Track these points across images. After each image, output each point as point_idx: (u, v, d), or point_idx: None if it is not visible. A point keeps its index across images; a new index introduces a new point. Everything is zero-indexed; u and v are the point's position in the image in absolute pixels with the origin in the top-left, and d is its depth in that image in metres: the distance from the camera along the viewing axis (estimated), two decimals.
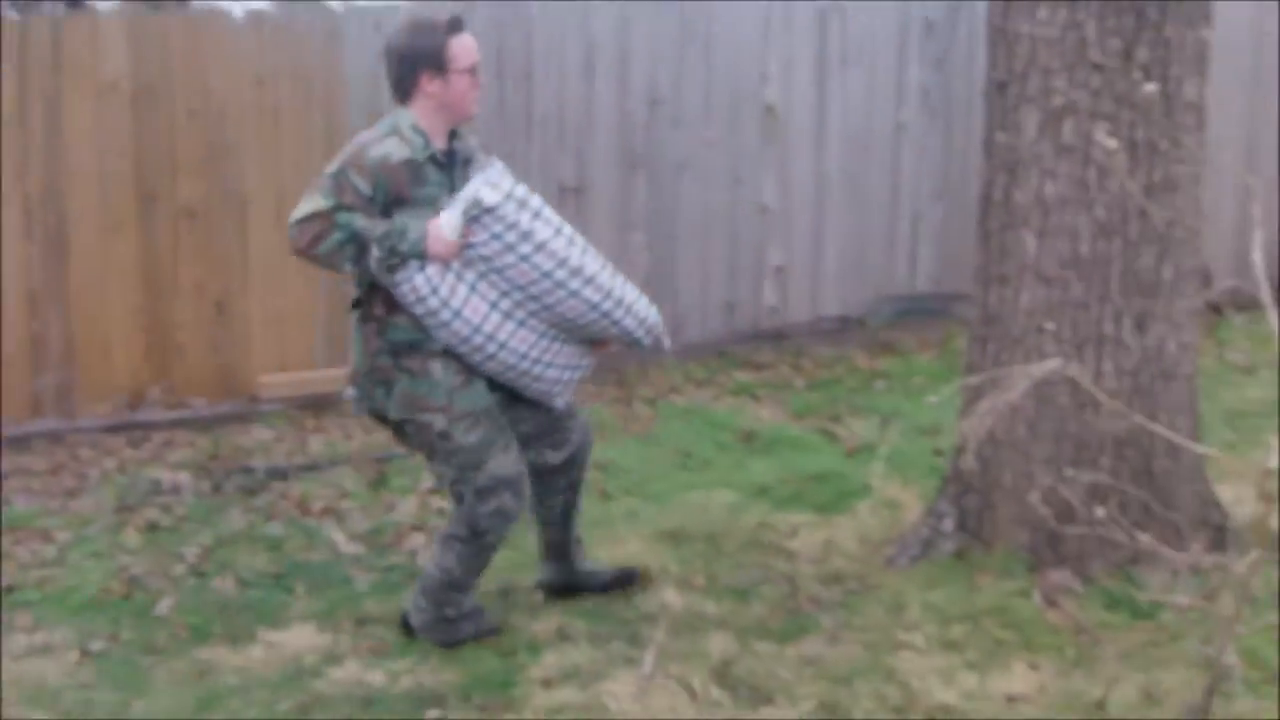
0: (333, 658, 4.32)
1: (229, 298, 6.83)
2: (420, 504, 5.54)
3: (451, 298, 4.09)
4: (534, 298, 4.16)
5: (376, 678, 4.19)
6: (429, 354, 4.19)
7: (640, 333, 4.37)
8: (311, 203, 4.08)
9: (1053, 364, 3.76)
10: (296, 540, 5.24)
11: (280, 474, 5.90)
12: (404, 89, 4.20)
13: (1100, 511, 3.84)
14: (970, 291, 4.97)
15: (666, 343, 4.53)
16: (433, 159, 4.16)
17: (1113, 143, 4.34)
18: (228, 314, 6.83)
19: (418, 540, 5.17)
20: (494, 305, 4.16)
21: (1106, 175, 4.48)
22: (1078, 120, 4.49)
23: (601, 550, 4.96)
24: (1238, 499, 4.97)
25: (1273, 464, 3.47)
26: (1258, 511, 3.48)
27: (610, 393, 7.08)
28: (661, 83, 7.66)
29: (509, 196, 4.07)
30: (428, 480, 5.77)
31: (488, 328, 4.15)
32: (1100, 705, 3.73)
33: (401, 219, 4.06)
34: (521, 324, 4.20)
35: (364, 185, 4.07)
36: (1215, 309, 7.05)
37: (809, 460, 5.91)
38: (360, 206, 4.07)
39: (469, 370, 4.23)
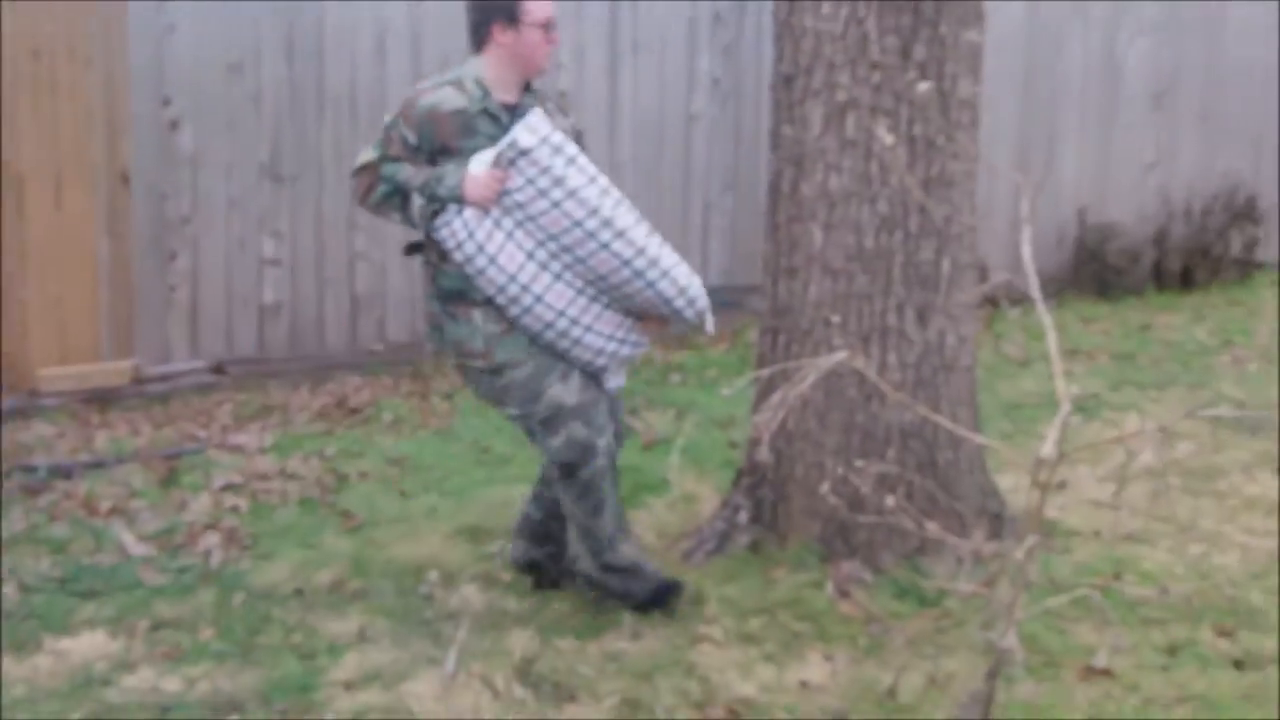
0: (124, 665, 4.20)
1: (4, 284, 6.57)
2: (214, 502, 5.43)
3: (487, 243, 4.09)
4: (567, 249, 4.11)
5: (172, 684, 4.09)
6: (471, 302, 4.21)
7: (680, 302, 4.22)
8: (364, 154, 4.23)
9: (839, 356, 3.87)
10: (83, 542, 5.08)
11: (64, 472, 5.69)
12: (477, 38, 4.26)
13: (890, 501, 3.98)
14: (761, 283, 5.06)
15: (710, 322, 4.33)
16: (486, 111, 4.16)
17: (890, 138, 4.49)
18: (3, 302, 6.58)
19: (212, 540, 5.07)
20: (530, 255, 4.12)
21: (888, 170, 4.60)
22: (860, 115, 4.61)
23: (401, 549, 4.95)
24: (1015, 488, 5.20)
25: (1046, 453, 3.66)
26: (1032, 500, 3.67)
27: (406, 386, 7.04)
28: (456, 63, 7.59)
29: (544, 141, 4.03)
30: (221, 476, 5.67)
31: (523, 277, 4.12)
32: (891, 693, 3.86)
33: (444, 167, 4.09)
34: (558, 277, 4.15)
35: (410, 135, 4.14)
36: (991, 302, 7.33)
37: None
38: (406, 156, 4.14)
39: (510, 322, 4.21)
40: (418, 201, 4.13)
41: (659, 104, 8.04)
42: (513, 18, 4.19)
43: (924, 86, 4.50)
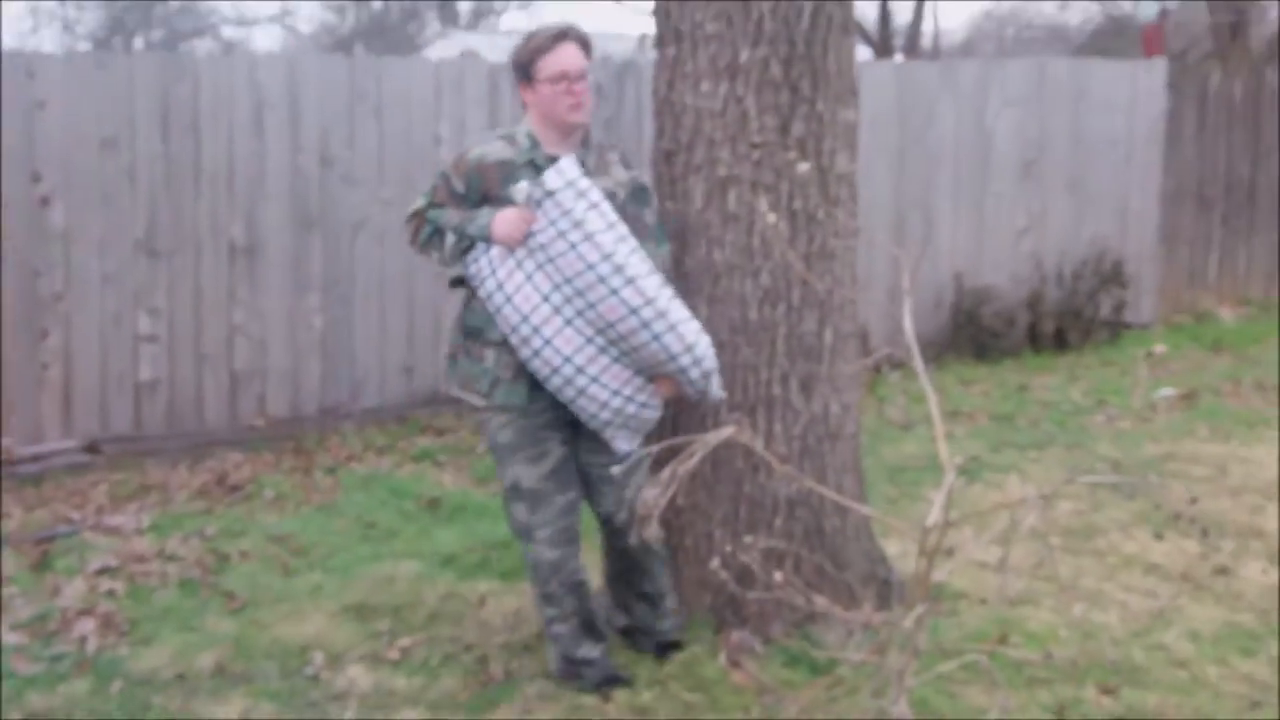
0: None
1: None
2: (89, 586, 5.29)
3: (507, 282, 4.19)
4: (580, 293, 4.13)
5: None
6: (487, 341, 4.32)
7: (686, 359, 4.19)
8: (416, 202, 4.40)
9: (727, 431, 3.89)
10: None
11: None
12: (520, 99, 4.42)
13: (778, 575, 3.99)
14: None
15: (716, 384, 4.30)
16: (532, 163, 4.27)
17: (773, 216, 4.55)
18: None
19: (87, 626, 4.92)
20: (545, 298, 4.17)
21: (769, 244, 4.65)
22: (741, 191, 4.66)
23: (285, 629, 4.85)
24: (902, 553, 5.26)
25: (932, 521, 3.70)
26: (920, 568, 3.71)
27: (288, 462, 6.94)
28: (334, 141, 7.60)
29: (570, 184, 4.13)
30: (97, 559, 5.53)
31: (535, 319, 4.16)
32: None
33: (481, 209, 4.26)
34: (569, 322, 4.16)
35: (459, 184, 4.31)
36: (874, 367, 7.43)
37: (493, 527, 5.90)
38: (452, 204, 4.31)
39: (519, 368, 4.27)
40: (450, 239, 4.28)
41: None
42: (528, 75, 4.31)
43: (804, 167, 4.57)
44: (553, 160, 4.23)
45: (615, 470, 4.25)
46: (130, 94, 7.10)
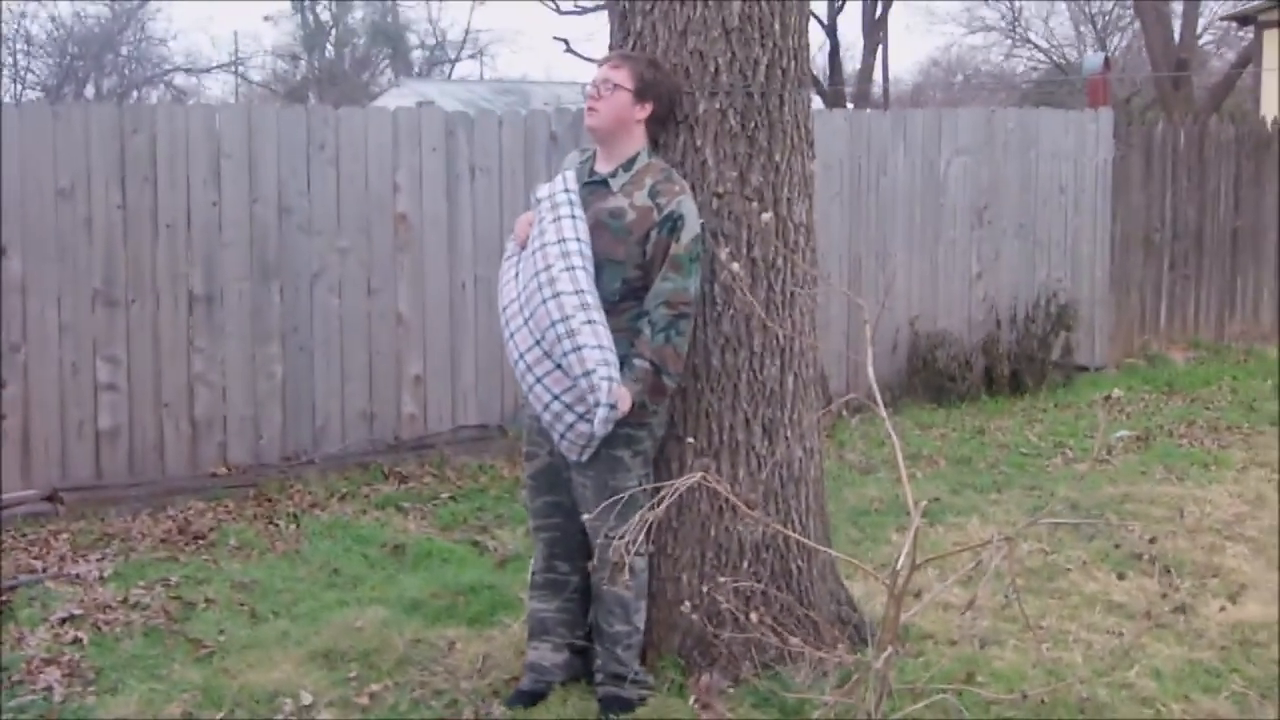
0: None
1: None
2: (53, 635, 5.25)
3: (502, 275, 4.59)
4: (529, 297, 4.37)
5: None
6: None
7: (583, 384, 4.27)
8: None
9: (695, 476, 3.93)
10: None
11: None
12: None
13: (754, 616, 4.03)
14: None
15: (600, 419, 4.30)
16: (578, 174, 4.56)
17: (736, 265, 4.61)
18: None
19: (52, 675, 4.87)
20: (515, 297, 4.45)
21: (730, 291, 4.71)
22: (703, 239, 4.72)
23: (253, 675, 4.83)
24: (867, 595, 5.30)
25: (900, 563, 3.75)
26: (889, 609, 3.75)
27: (250, 509, 6.92)
28: (291, 190, 7.62)
29: (550, 196, 4.44)
30: (60, 608, 5.50)
31: (507, 314, 4.47)
32: None
33: None
34: (525, 323, 4.40)
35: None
36: (833, 412, 7.48)
37: (460, 573, 5.93)
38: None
39: None
40: None
41: (499, 225, 8.09)
42: None
43: (766, 216, 4.64)
44: (596, 174, 4.55)
45: (585, 519, 4.35)
46: (86, 143, 7.10)
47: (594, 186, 4.50)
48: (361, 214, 7.84)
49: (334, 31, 43.20)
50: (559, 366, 4.33)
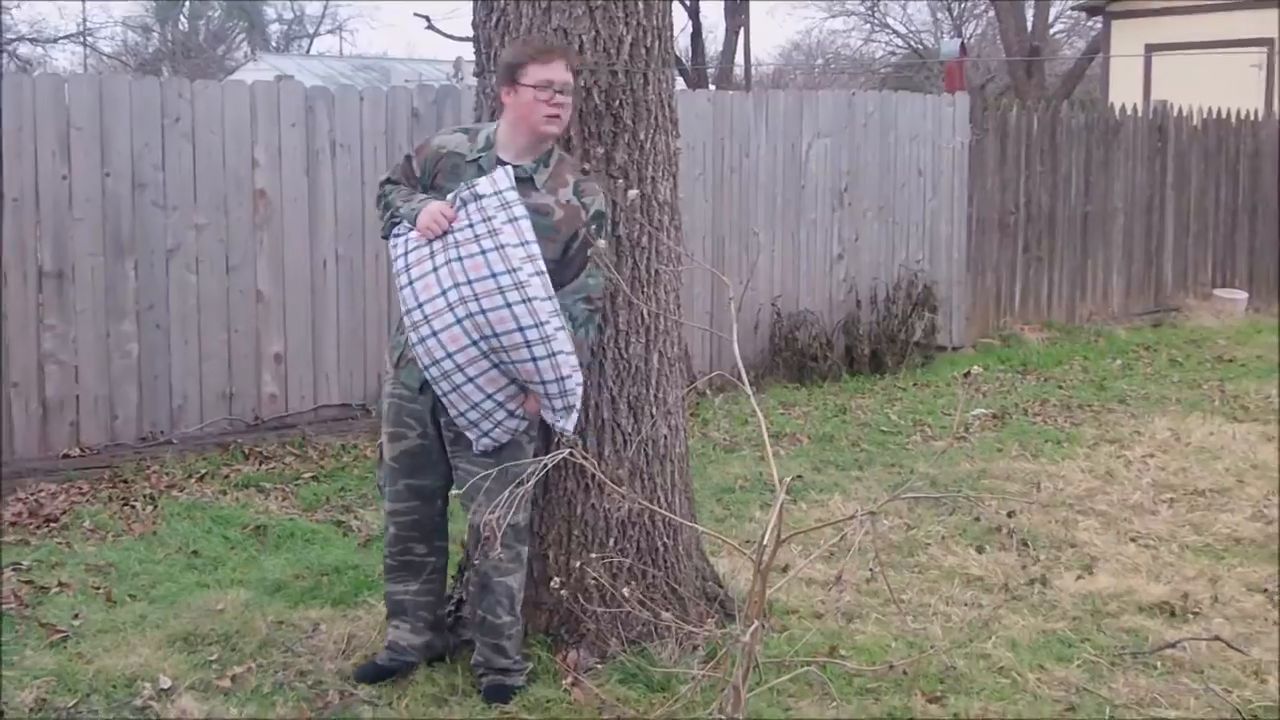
0: None
1: None
2: None
3: (414, 267, 4.33)
4: (476, 297, 4.22)
5: None
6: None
7: (554, 387, 4.28)
8: (385, 174, 4.68)
9: (563, 453, 3.94)
10: None
11: None
12: (496, 101, 4.57)
13: (627, 591, 4.04)
14: None
15: (571, 422, 4.35)
16: (478, 163, 4.43)
17: (602, 242, 4.61)
18: None
19: None
20: (444, 293, 4.27)
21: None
22: None
23: (110, 659, 4.72)
24: (732, 571, 5.35)
25: (767, 538, 3.79)
26: (755, 584, 3.79)
27: (106, 491, 6.76)
28: (145, 164, 7.44)
29: (498, 194, 4.29)
30: None
31: (429, 309, 4.28)
32: None
33: (421, 194, 4.48)
34: (459, 321, 4.25)
35: (416, 165, 4.57)
36: (697, 390, 7.54)
37: (323, 553, 5.86)
38: (407, 183, 4.56)
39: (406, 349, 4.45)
40: (382, 213, 4.53)
41: (361, 202, 7.99)
42: (512, 79, 4.40)
43: (633, 194, 4.66)
44: (500, 164, 4.40)
45: (453, 493, 4.34)
46: None
47: (516, 183, 4.39)
48: (219, 189, 7.68)
49: (188, 3, 42.25)
50: (497, 366, 4.28)
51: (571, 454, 3.85)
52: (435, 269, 4.30)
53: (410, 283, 4.33)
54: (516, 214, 4.28)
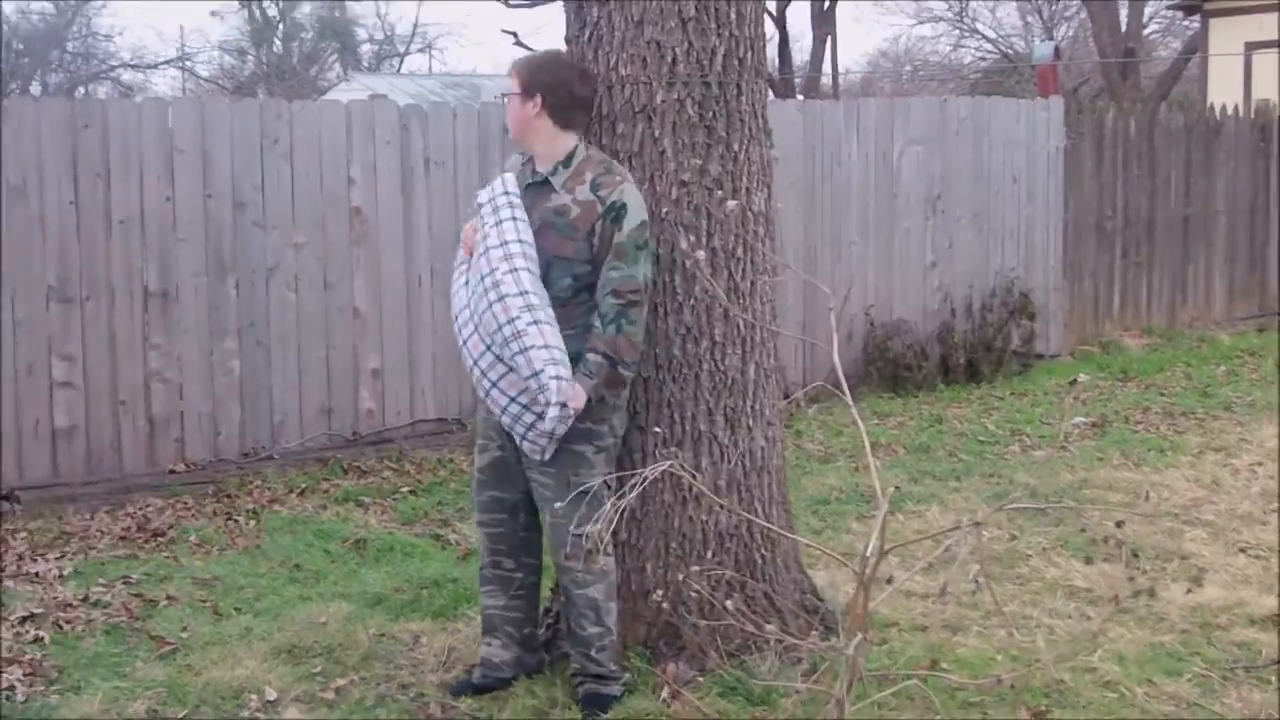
0: None
1: None
2: (13, 635, 5.18)
3: (454, 283, 4.57)
4: (477, 301, 4.34)
5: None
6: None
7: (533, 384, 4.25)
8: None
9: (664, 464, 3.94)
10: None
11: None
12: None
13: (730, 604, 4.03)
14: None
15: (551, 416, 4.28)
16: (520, 176, 4.54)
17: (702, 253, 4.61)
18: None
19: (14, 674, 4.80)
20: (467, 303, 4.43)
21: (690, 280, 4.72)
22: (660, 229, 4.72)
23: (218, 671, 4.80)
24: (829, 583, 5.32)
25: (870, 550, 3.76)
26: (858, 596, 3.76)
27: (210, 505, 6.87)
28: (245, 185, 7.56)
29: (491, 199, 4.42)
30: (20, 607, 5.44)
31: (459, 320, 4.46)
32: None
33: None
34: (475, 329, 4.38)
35: None
36: (798, 402, 7.52)
37: (422, 567, 5.91)
38: None
39: None
40: None
41: (455, 218, 8.06)
42: None
43: (731, 204, 4.65)
44: (536, 176, 4.52)
45: (546, 518, 4.48)
46: (37, 139, 7.02)
47: (537, 187, 4.48)
48: (316, 208, 7.79)
49: (281, 26, 42.92)
50: (511, 369, 4.32)
51: (673, 466, 3.85)
52: (466, 282, 4.47)
53: (452, 297, 4.59)
54: (502, 216, 4.38)
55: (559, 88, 4.49)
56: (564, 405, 4.25)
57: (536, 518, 4.60)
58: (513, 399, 4.34)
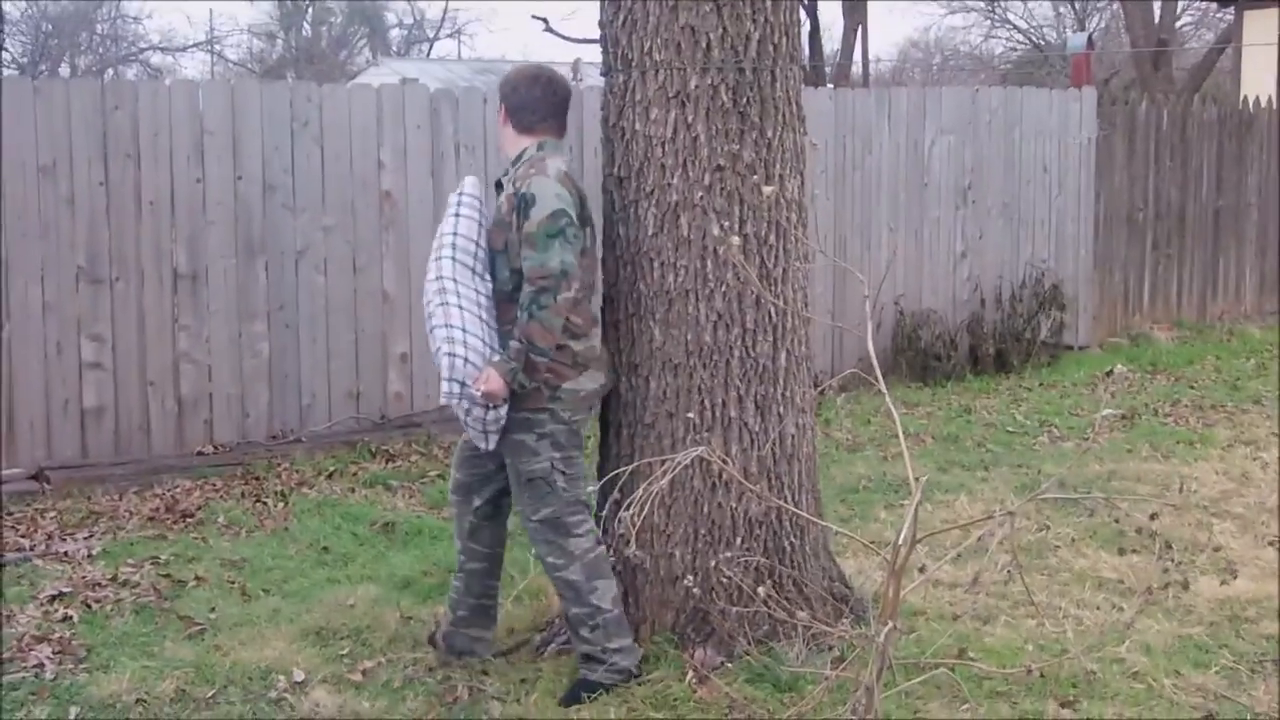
0: None
1: None
2: (43, 613, 5.22)
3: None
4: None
5: None
6: None
7: (440, 360, 4.42)
8: None
9: (697, 450, 3.93)
10: None
11: None
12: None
13: (762, 591, 4.02)
14: None
15: (443, 391, 4.42)
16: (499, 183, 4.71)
17: (736, 239, 4.59)
18: None
19: (43, 652, 4.84)
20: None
21: (723, 267, 4.70)
22: (693, 215, 4.70)
23: (246, 652, 4.82)
24: (858, 571, 5.31)
25: (902, 538, 3.75)
26: (889, 584, 3.75)
27: (238, 488, 6.89)
28: (275, 167, 7.57)
29: (454, 199, 4.61)
30: (50, 586, 5.47)
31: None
32: None
33: None
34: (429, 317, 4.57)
35: None
36: (832, 388, 7.49)
37: (449, 550, 5.87)
38: None
39: None
40: None
41: None
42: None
43: (768, 189, 4.63)
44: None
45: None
46: (68, 120, 7.05)
47: (498, 188, 4.65)
48: (346, 192, 7.80)
49: (310, 10, 42.95)
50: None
51: (705, 452, 3.85)
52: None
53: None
54: (448, 213, 4.58)
55: (511, 94, 4.67)
56: (463, 384, 4.36)
57: (493, 505, 4.75)
58: (448, 379, 4.47)
